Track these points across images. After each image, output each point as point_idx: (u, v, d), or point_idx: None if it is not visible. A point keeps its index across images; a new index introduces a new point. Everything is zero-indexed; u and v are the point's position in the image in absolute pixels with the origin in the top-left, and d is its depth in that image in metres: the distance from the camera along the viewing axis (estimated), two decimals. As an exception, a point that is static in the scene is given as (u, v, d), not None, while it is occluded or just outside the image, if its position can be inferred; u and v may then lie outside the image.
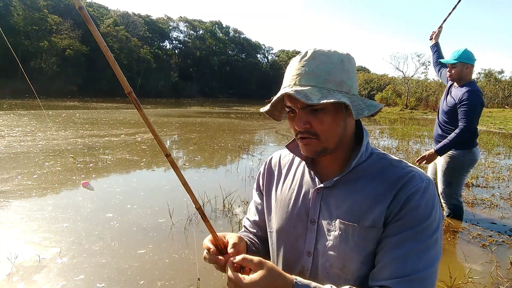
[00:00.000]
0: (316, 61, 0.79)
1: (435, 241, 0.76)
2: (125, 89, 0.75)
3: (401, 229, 0.76)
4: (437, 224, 0.77)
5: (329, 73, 0.78)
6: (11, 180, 4.85)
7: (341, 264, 0.81)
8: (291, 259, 0.91)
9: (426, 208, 0.76)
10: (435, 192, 0.80)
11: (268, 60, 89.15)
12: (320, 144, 0.81)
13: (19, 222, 3.43)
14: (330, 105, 0.77)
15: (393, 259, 0.75)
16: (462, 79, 3.21)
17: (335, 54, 0.80)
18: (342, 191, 0.85)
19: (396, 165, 0.83)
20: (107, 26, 53.80)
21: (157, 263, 2.69)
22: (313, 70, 0.78)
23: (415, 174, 0.80)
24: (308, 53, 0.80)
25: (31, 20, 41.52)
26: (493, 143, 10.66)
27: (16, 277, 2.43)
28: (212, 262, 0.83)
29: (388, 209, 0.78)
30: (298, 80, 0.79)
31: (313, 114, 0.79)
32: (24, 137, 8.52)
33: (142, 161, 6.44)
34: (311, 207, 0.88)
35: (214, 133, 11.25)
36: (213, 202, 4.05)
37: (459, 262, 2.83)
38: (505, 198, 4.72)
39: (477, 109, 3.12)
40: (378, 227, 0.79)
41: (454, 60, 3.16)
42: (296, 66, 0.80)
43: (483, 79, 43.35)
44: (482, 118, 25.31)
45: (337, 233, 0.82)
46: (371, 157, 0.86)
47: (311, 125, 0.79)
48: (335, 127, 0.80)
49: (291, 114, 0.83)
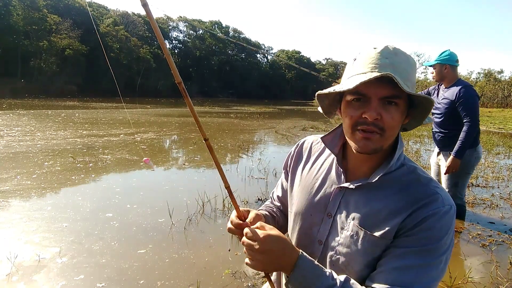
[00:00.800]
0: (398, 57, 0.77)
1: (439, 262, 0.76)
2: (176, 79, 0.80)
3: (408, 244, 0.77)
4: (446, 249, 0.77)
5: (409, 72, 0.78)
6: (11, 180, 4.84)
7: (347, 262, 0.84)
8: (303, 243, 0.94)
9: (439, 232, 0.76)
10: (453, 219, 0.79)
11: (267, 60, 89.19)
12: (381, 141, 0.79)
13: (18, 222, 3.42)
14: (402, 103, 0.77)
15: (393, 268, 0.76)
16: (446, 79, 3.32)
17: (410, 56, 0.80)
18: (364, 196, 0.84)
19: (424, 183, 0.81)
20: (106, 26, 53.78)
21: (157, 263, 2.69)
22: (396, 64, 0.76)
23: (439, 197, 0.78)
24: (389, 48, 0.78)
25: (31, 19, 41.49)
26: (492, 143, 10.67)
27: (16, 277, 2.43)
28: (233, 229, 0.90)
29: (401, 223, 0.78)
30: (381, 70, 0.75)
31: (385, 106, 0.77)
32: (23, 137, 8.51)
33: (142, 161, 6.44)
34: (330, 202, 0.90)
35: (213, 133, 11.25)
36: (213, 202, 4.05)
37: (459, 262, 2.84)
38: (505, 198, 4.73)
39: (476, 102, 3.20)
40: (387, 239, 0.79)
41: (434, 62, 3.34)
42: (376, 57, 0.77)
43: (483, 79, 43.39)
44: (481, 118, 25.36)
45: (349, 233, 0.84)
46: (401, 169, 0.85)
47: (382, 117, 0.76)
48: (397, 127, 0.80)
49: (355, 102, 0.79)
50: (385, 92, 0.75)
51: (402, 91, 0.72)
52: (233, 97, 65.31)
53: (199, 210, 3.87)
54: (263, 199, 4.35)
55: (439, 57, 3.31)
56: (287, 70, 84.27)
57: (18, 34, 40.67)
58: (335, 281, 0.76)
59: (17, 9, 40.94)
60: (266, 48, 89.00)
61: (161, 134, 10.39)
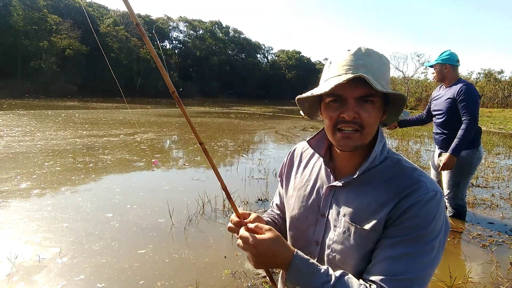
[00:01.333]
0: (371, 58, 0.81)
1: (430, 248, 0.78)
2: (170, 89, 0.85)
3: (397, 233, 0.79)
4: (436, 235, 0.79)
5: (382, 71, 0.82)
6: (10, 180, 4.84)
7: (342, 258, 0.87)
8: (301, 244, 0.97)
9: (425, 219, 0.78)
10: (440, 204, 0.80)
11: (268, 60, 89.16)
12: (360, 138, 0.82)
13: (18, 222, 3.43)
14: (378, 100, 0.81)
15: (385, 258, 0.78)
16: (446, 79, 3.33)
17: (383, 55, 0.85)
18: (352, 192, 0.88)
19: (407, 173, 0.84)
20: (107, 26, 53.83)
21: (157, 263, 2.69)
22: (369, 65, 0.80)
23: (422, 184, 0.81)
24: (362, 49, 0.82)
25: (31, 20, 41.52)
26: (493, 143, 10.67)
27: (16, 277, 2.43)
28: (233, 228, 0.93)
29: (388, 214, 0.81)
30: (355, 71, 0.79)
31: (361, 105, 0.80)
32: (24, 137, 8.52)
33: (142, 161, 6.44)
34: (322, 202, 0.93)
35: (213, 133, 11.25)
36: (213, 202, 4.05)
37: (459, 262, 2.84)
38: (505, 198, 4.73)
39: (478, 102, 3.20)
40: (377, 231, 0.82)
41: (434, 62, 3.36)
42: (350, 58, 0.81)
43: (483, 79, 43.37)
44: (481, 118, 25.08)
45: (341, 230, 0.87)
46: (385, 162, 0.88)
47: (359, 115, 0.80)
48: (376, 123, 0.84)
49: (333, 103, 0.83)
50: (360, 92, 0.79)
51: (380, 90, 0.76)
52: (233, 97, 65.29)
53: (199, 210, 3.87)
54: (263, 199, 4.35)
55: (440, 57, 3.32)
56: (287, 70, 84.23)
57: (18, 34, 40.67)
58: (330, 277, 0.78)
59: (17, 9, 40.95)
60: (266, 48, 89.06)
61: (161, 134, 10.40)
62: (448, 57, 3.29)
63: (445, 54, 3.31)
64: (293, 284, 0.80)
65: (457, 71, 3.34)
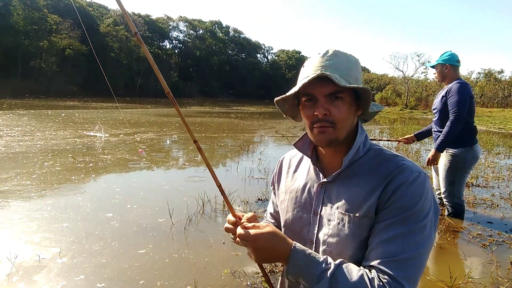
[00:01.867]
0: (338, 58, 0.89)
1: (422, 227, 0.81)
2: (165, 90, 0.91)
3: (387, 216, 0.82)
4: (426, 213, 0.82)
5: (349, 69, 0.88)
6: (10, 180, 4.84)
7: (339, 250, 0.89)
8: None
9: (412, 198, 0.81)
10: (425, 184, 0.84)
11: (268, 60, 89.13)
12: (334, 133, 0.88)
13: (18, 222, 3.42)
14: (347, 96, 0.87)
15: (380, 242, 0.81)
16: (447, 79, 3.38)
17: (351, 55, 0.92)
18: (342, 185, 0.93)
19: (390, 159, 0.90)
20: (107, 26, 53.80)
21: (157, 263, 2.69)
22: (336, 64, 0.87)
23: (406, 167, 0.85)
24: (329, 51, 0.90)
25: (31, 19, 41.49)
26: (493, 143, 10.66)
27: (16, 277, 2.43)
28: (229, 228, 0.96)
29: (378, 200, 0.85)
30: (323, 70, 0.86)
31: (332, 102, 0.87)
32: (23, 137, 8.52)
33: (141, 161, 6.44)
34: (315, 200, 0.97)
35: (213, 133, 11.24)
36: (213, 202, 4.05)
37: (459, 262, 2.83)
38: (505, 198, 4.72)
39: (465, 99, 3.22)
40: (369, 216, 0.85)
41: (435, 62, 3.42)
42: (319, 60, 0.89)
43: (483, 79, 43.39)
44: (482, 118, 25.09)
45: (336, 222, 0.90)
46: (368, 153, 0.93)
47: (330, 112, 0.86)
48: (348, 118, 0.89)
49: (307, 103, 0.90)
50: (328, 89, 0.86)
51: (343, 86, 0.82)
52: (233, 97, 65.25)
53: (199, 210, 3.87)
54: (263, 199, 4.35)
55: (441, 58, 3.37)
56: (287, 70, 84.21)
57: (18, 34, 40.66)
58: (330, 265, 0.81)
59: (17, 9, 40.95)
60: (266, 48, 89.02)
61: (161, 134, 10.40)
62: (448, 58, 3.34)
63: (446, 54, 3.36)
64: (294, 276, 0.83)
65: (457, 71, 3.38)
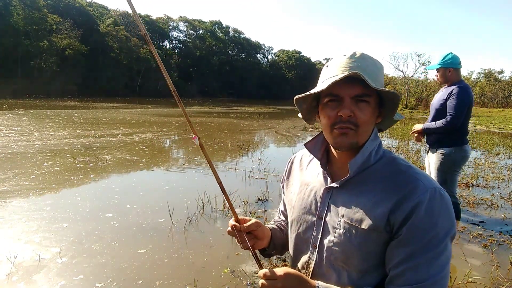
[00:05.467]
0: (366, 61, 0.86)
1: (444, 247, 0.79)
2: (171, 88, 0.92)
3: (409, 242, 0.79)
4: (445, 231, 0.79)
5: (376, 74, 0.86)
6: (8, 180, 4.84)
7: (345, 258, 0.87)
8: (300, 248, 0.99)
9: (431, 219, 0.78)
10: (442, 200, 0.80)
11: (268, 60, 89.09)
12: (355, 136, 0.85)
13: (18, 222, 3.42)
14: (373, 100, 0.85)
15: (405, 269, 0.79)
16: (449, 81, 3.37)
17: (377, 60, 0.89)
18: (350, 192, 0.89)
19: (403, 171, 0.85)
20: (107, 26, 53.76)
21: (156, 263, 2.69)
22: (364, 67, 0.84)
23: (419, 184, 0.81)
24: (356, 53, 0.87)
25: (31, 19, 41.49)
26: (493, 143, 10.66)
27: (16, 277, 2.43)
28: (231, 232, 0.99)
29: (391, 216, 0.81)
30: (351, 71, 0.82)
31: (357, 105, 0.84)
32: (23, 137, 8.52)
33: (141, 161, 6.44)
34: (320, 204, 0.95)
35: (213, 133, 11.24)
36: (213, 202, 4.05)
37: (460, 262, 2.83)
38: (505, 198, 4.72)
39: (465, 104, 3.22)
40: (378, 231, 0.82)
41: (437, 65, 3.39)
42: (347, 61, 0.85)
43: (483, 79, 43.39)
44: (481, 118, 25.15)
45: (342, 231, 0.87)
46: (380, 161, 0.89)
47: (354, 114, 0.83)
48: (371, 123, 0.87)
49: (330, 103, 0.86)
50: (356, 91, 0.83)
51: (371, 90, 0.80)
52: (233, 97, 65.22)
53: (199, 210, 3.87)
54: (263, 199, 4.35)
55: (442, 61, 3.34)
56: (287, 70, 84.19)
57: (18, 34, 40.64)
58: None
59: (17, 9, 40.94)
60: (266, 48, 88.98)
61: (160, 134, 10.39)
62: (451, 61, 3.31)
63: (448, 57, 3.32)
64: None
65: (459, 73, 3.39)
